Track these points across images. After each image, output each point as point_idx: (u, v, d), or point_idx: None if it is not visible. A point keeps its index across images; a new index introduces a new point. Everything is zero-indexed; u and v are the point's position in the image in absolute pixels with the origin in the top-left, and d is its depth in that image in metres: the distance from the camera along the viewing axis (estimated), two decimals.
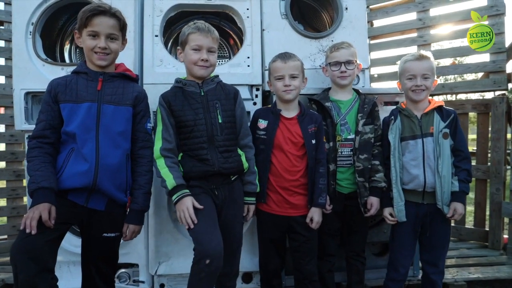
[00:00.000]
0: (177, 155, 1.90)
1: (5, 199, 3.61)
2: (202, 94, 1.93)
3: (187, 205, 1.75)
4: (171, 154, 1.86)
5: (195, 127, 1.87)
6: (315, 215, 2.02)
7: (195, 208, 1.78)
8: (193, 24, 1.92)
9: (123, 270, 2.43)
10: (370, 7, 4.05)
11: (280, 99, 2.10)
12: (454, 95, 4.06)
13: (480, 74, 4.04)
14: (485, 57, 3.53)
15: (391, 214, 2.12)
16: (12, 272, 1.53)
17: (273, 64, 2.08)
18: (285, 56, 2.05)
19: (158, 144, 1.86)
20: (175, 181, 1.78)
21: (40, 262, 1.53)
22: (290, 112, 2.08)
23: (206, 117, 1.89)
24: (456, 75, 7.42)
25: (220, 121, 1.91)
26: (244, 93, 2.45)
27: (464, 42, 4.14)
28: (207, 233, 1.75)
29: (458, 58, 4.58)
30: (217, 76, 2.02)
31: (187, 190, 1.80)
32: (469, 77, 12.55)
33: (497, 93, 3.70)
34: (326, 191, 2.06)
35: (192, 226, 1.74)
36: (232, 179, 1.97)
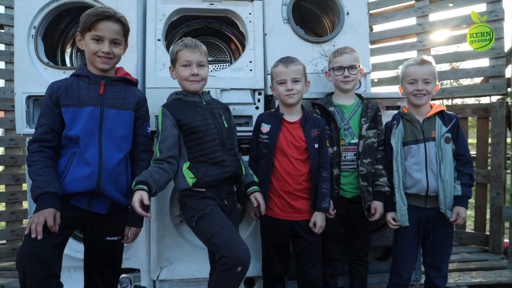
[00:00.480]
0: (168, 162, 1.83)
1: (4, 203, 3.58)
2: (205, 103, 1.96)
3: (133, 199, 1.62)
4: (160, 162, 1.82)
5: (207, 132, 1.87)
6: (318, 220, 2.01)
7: (208, 215, 1.78)
8: (180, 41, 1.96)
9: (124, 275, 2.42)
10: (370, 12, 4.08)
11: (282, 103, 2.10)
12: (450, 100, 4.07)
13: (475, 79, 4.07)
14: (485, 62, 3.56)
15: (394, 219, 2.12)
16: (19, 277, 1.51)
17: (275, 69, 2.09)
18: (287, 61, 2.06)
19: (156, 155, 1.86)
20: (136, 178, 1.70)
21: (47, 267, 1.52)
22: (293, 116, 2.08)
23: (215, 122, 1.91)
24: (451, 80, 7.47)
25: (226, 126, 1.96)
26: (246, 97, 2.46)
27: (460, 47, 4.17)
28: (235, 240, 1.73)
29: (453, 63, 4.62)
30: (209, 92, 2.10)
31: (143, 186, 1.66)
32: (465, 82, 12.65)
33: (493, 98, 3.72)
34: (330, 196, 2.05)
35: (146, 216, 1.66)
36: (234, 189, 2.01)
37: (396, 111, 2.28)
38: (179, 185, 1.89)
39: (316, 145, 2.04)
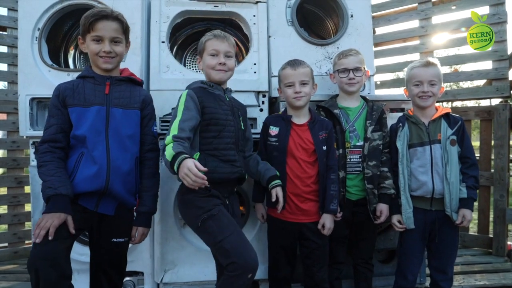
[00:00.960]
0: (187, 143, 1.70)
1: (6, 206, 3.57)
2: (228, 99, 1.95)
3: (188, 165, 1.49)
4: (182, 140, 1.66)
5: (226, 127, 1.86)
6: (327, 221, 2.01)
7: (216, 217, 1.72)
8: (209, 33, 1.95)
9: (128, 278, 2.40)
10: (373, 14, 4.06)
11: (290, 106, 2.10)
12: (450, 102, 4.06)
13: (476, 82, 4.07)
14: (488, 65, 3.57)
15: (399, 221, 2.11)
16: (31, 279, 1.50)
17: (283, 71, 2.09)
18: (295, 63, 2.06)
19: (173, 132, 1.68)
20: (173, 150, 1.57)
21: (60, 269, 1.52)
22: (300, 118, 2.09)
23: (234, 121, 1.91)
24: (451, 83, 7.47)
25: (242, 128, 1.95)
26: (250, 99, 2.45)
27: (460, 50, 4.16)
28: (245, 245, 1.69)
29: (453, 66, 4.62)
30: (231, 90, 2.07)
31: (187, 155, 1.56)
32: (465, 84, 12.64)
33: (494, 100, 3.72)
34: (338, 198, 2.05)
35: (203, 184, 1.50)
36: (235, 189, 2.00)
37: (400, 114, 2.28)
38: None
39: (324, 147, 2.04)
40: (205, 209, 1.74)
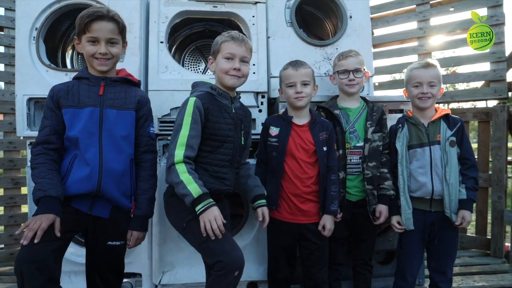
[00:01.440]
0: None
1: (3, 207, 3.54)
2: (233, 111, 1.86)
3: (215, 214, 1.60)
4: (192, 162, 1.70)
5: (224, 144, 1.80)
6: (327, 223, 2.01)
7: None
8: (227, 33, 1.85)
9: (125, 280, 2.38)
10: (371, 16, 4.07)
11: (291, 106, 2.10)
12: (446, 104, 4.06)
13: (472, 84, 4.07)
14: (486, 66, 3.57)
15: (398, 223, 2.11)
16: (17, 283, 1.47)
17: (285, 72, 2.09)
18: (296, 64, 2.06)
19: (181, 150, 1.67)
20: (200, 189, 1.61)
21: (46, 272, 1.48)
22: (301, 119, 2.08)
23: (235, 137, 1.84)
24: (448, 85, 7.49)
25: (242, 143, 1.90)
26: (249, 100, 2.44)
27: (455, 52, 4.16)
28: (229, 244, 1.67)
29: (450, 68, 4.63)
30: (240, 97, 1.99)
31: (212, 200, 1.64)
32: (461, 86, 12.69)
33: (490, 102, 3.73)
34: (338, 199, 2.04)
35: (219, 237, 1.60)
36: (222, 196, 1.93)
37: (398, 115, 2.28)
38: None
39: (325, 148, 2.04)
40: (190, 210, 1.67)
